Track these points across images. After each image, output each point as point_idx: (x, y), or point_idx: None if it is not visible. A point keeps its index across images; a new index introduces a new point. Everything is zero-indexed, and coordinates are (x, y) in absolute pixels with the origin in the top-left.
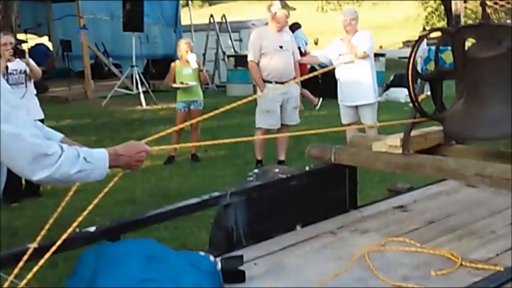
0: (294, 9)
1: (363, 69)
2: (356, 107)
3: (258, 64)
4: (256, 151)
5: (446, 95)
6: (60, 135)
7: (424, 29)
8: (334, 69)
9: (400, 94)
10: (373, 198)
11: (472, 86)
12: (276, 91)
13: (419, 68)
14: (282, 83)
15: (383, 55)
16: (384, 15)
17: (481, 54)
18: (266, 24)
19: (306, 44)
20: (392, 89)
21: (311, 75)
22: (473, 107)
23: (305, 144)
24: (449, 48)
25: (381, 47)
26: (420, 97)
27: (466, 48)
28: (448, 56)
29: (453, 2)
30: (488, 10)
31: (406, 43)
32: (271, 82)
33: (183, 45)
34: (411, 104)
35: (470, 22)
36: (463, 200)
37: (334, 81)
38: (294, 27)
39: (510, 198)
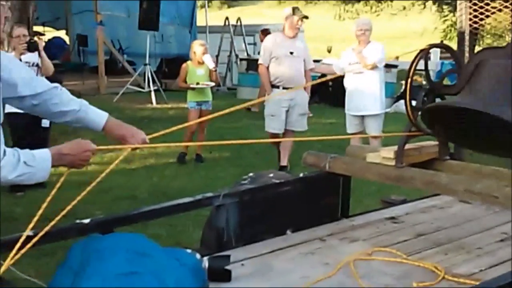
0: (307, 17)
1: (372, 80)
2: (362, 117)
3: (268, 68)
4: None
5: None
6: (105, 115)
7: (441, 41)
8: (343, 77)
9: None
10: (369, 208)
11: (472, 91)
12: (282, 96)
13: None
14: (289, 88)
15: (395, 66)
16: (402, 26)
17: (491, 67)
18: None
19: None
20: (402, 101)
21: (318, 81)
22: (471, 92)
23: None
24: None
25: (397, 57)
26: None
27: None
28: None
29: (458, 19)
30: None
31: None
32: (278, 87)
33: (198, 47)
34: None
35: (488, 38)
36: (455, 215)
37: (344, 90)
38: (265, 34)
39: (501, 216)
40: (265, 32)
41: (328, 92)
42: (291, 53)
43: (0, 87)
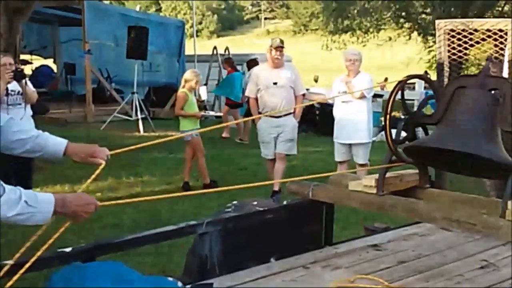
0: (282, 46)
1: (360, 109)
2: (350, 145)
3: (256, 99)
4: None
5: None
6: (65, 141)
7: (425, 72)
8: (330, 106)
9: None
10: (354, 236)
11: (450, 121)
12: (270, 124)
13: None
14: (276, 117)
15: (381, 96)
16: (388, 57)
17: (467, 95)
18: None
19: None
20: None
21: (303, 105)
22: (449, 128)
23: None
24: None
25: (386, 79)
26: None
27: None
28: (428, 110)
29: (437, 51)
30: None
31: (407, 85)
32: (266, 116)
33: (195, 77)
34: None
35: (473, 69)
36: (436, 242)
37: (330, 119)
38: (253, 63)
39: (481, 243)
40: (229, 61)
41: (315, 121)
42: (275, 83)
43: None
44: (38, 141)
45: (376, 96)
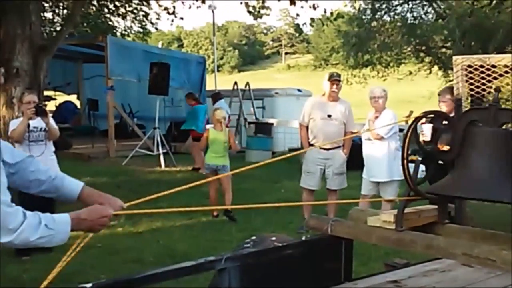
0: (338, 80)
1: (383, 148)
2: (378, 182)
3: (307, 127)
4: (304, 211)
5: None
6: (81, 184)
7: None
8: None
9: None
10: (374, 272)
11: (467, 159)
12: (318, 155)
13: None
14: (326, 149)
15: (402, 130)
16: (408, 91)
17: (481, 134)
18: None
19: (227, 113)
20: (410, 165)
21: (351, 136)
22: (465, 171)
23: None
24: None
25: (411, 112)
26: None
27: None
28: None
29: (454, 86)
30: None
31: (428, 120)
32: (313, 146)
33: (221, 115)
34: None
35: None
36: (456, 278)
37: (356, 154)
38: (217, 97)
39: (502, 279)
40: (191, 96)
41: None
42: (329, 116)
43: (2, 149)
44: (54, 183)
45: (401, 130)
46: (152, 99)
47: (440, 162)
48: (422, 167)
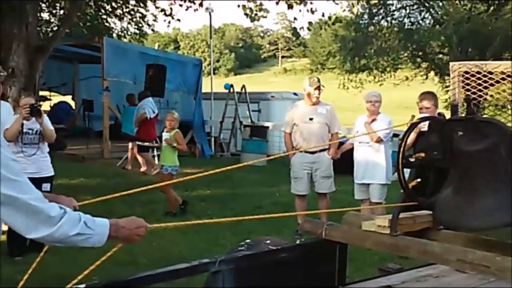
0: (319, 87)
1: (377, 151)
2: (368, 185)
3: (290, 134)
4: (298, 216)
5: None
6: None
7: (439, 114)
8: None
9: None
10: (368, 276)
11: (460, 176)
12: (303, 159)
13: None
14: (312, 153)
15: (397, 135)
16: (405, 96)
17: (468, 148)
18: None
19: (154, 112)
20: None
21: (338, 140)
22: (464, 196)
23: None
24: None
25: (413, 117)
26: (411, 184)
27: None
28: None
29: (450, 92)
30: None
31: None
32: (301, 152)
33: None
34: None
35: (490, 109)
36: (449, 284)
37: (347, 159)
38: (143, 96)
39: (496, 285)
40: (130, 98)
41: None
42: (311, 119)
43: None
44: None
45: (395, 136)
46: (147, 101)
47: None
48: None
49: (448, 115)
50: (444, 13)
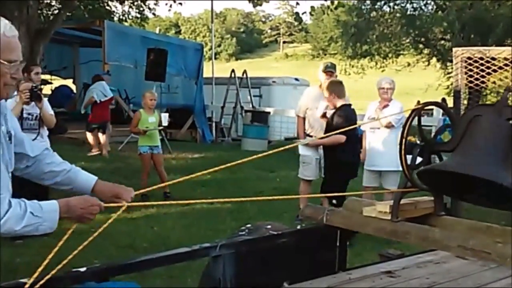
0: (332, 71)
1: (388, 137)
2: (380, 172)
3: (304, 119)
4: (300, 201)
5: None
6: (94, 178)
7: (443, 99)
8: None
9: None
10: (368, 262)
11: (465, 151)
12: (314, 145)
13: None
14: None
15: None
16: (406, 82)
17: (483, 126)
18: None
19: (105, 96)
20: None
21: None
22: (466, 153)
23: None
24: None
25: (418, 102)
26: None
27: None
28: (447, 137)
29: (453, 78)
30: None
31: (425, 112)
32: (311, 136)
33: (150, 97)
34: None
35: (493, 96)
36: (450, 271)
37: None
38: (96, 79)
39: (497, 272)
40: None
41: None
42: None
43: (13, 135)
44: (68, 175)
45: None
46: (148, 85)
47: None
48: (419, 159)
49: (450, 101)
50: None
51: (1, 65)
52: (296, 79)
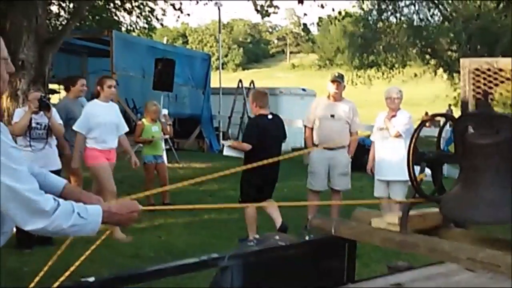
0: (339, 81)
1: (397, 147)
2: (388, 182)
3: (312, 129)
4: (308, 212)
5: None
6: (63, 181)
7: (449, 106)
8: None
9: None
10: (376, 273)
11: (470, 171)
12: (322, 155)
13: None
14: (330, 149)
15: None
16: (413, 93)
17: (479, 141)
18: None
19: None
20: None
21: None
22: (471, 190)
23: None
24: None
25: (426, 113)
26: (419, 177)
27: (465, 134)
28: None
29: (461, 89)
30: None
31: (433, 122)
32: (317, 146)
33: (153, 108)
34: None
35: (499, 107)
36: (459, 283)
37: (364, 156)
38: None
39: (506, 285)
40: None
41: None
42: (332, 116)
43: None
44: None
45: None
46: (156, 94)
47: None
48: (428, 171)
49: (456, 112)
50: (453, 9)
51: (1, 63)
52: (303, 90)
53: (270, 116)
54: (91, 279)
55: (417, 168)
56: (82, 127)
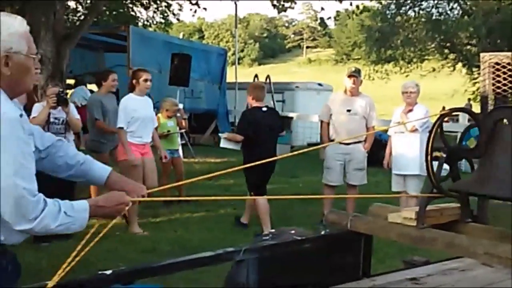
0: (356, 75)
1: (413, 141)
2: (404, 176)
3: (328, 124)
4: (324, 206)
5: None
6: (108, 170)
7: (468, 100)
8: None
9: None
10: (391, 268)
11: (492, 163)
12: (338, 150)
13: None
14: (347, 144)
15: None
16: (431, 87)
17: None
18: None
19: (86, 100)
20: (434, 162)
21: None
22: (492, 169)
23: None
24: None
25: (444, 108)
26: (435, 154)
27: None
28: (472, 143)
29: (480, 84)
30: None
31: (451, 117)
32: (333, 141)
33: (172, 107)
34: None
35: None
36: (475, 278)
37: (380, 150)
38: (78, 84)
39: None
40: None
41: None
42: (348, 110)
43: (34, 136)
44: (82, 168)
45: None
46: (172, 90)
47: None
48: (446, 166)
49: (475, 106)
50: (472, 3)
51: (31, 60)
52: (320, 84)
53: (264, 109)
54: (108, 272)
55: (435, 164)
56: (123, 122)
